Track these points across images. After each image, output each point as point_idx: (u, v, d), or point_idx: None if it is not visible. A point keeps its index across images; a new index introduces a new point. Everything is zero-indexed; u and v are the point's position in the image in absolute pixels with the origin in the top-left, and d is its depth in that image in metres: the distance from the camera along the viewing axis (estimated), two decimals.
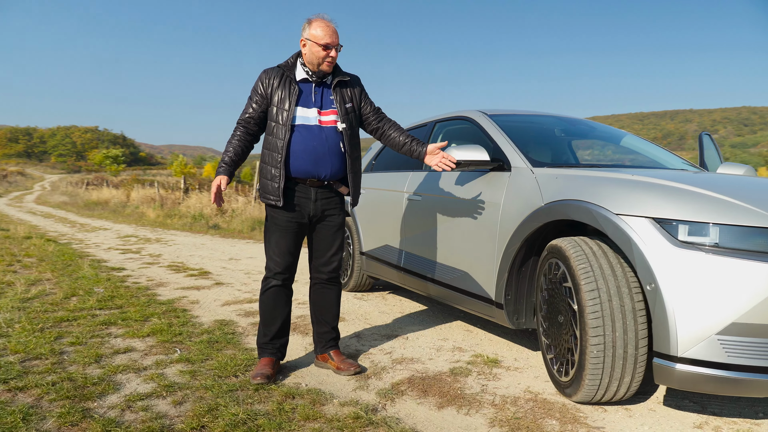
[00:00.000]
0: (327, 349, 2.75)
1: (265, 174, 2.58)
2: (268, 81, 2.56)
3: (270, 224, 2.63)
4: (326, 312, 2.77)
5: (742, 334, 1.79)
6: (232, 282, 5.28)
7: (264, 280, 2.67)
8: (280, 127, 2.53)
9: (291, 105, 2.52)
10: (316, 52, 2.50)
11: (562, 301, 2.32)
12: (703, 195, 1.99)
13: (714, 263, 1.83)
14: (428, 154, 2.72)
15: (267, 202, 2.58)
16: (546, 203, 2.46)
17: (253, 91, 2.59)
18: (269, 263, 2.64)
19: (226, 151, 2.60)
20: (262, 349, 2.66)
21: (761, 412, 2.21)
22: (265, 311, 2.66)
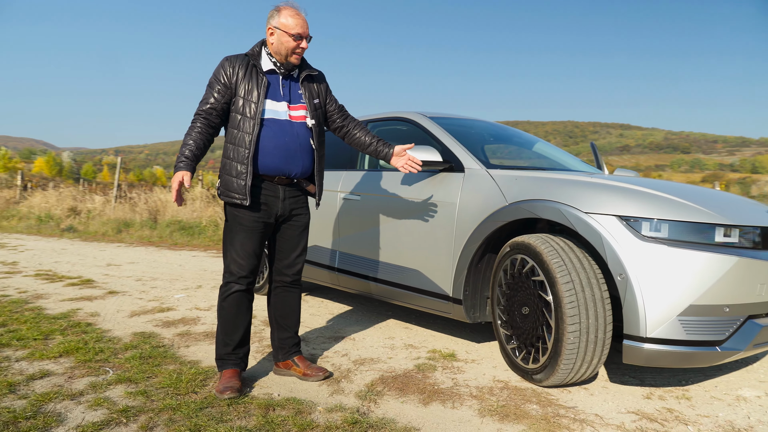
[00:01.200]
0: (291, 356, 2.61)
1: (228, 170, 2.37)
2: (232, 70, 2.36)
3: (233, 224, 2.42)
4: (289, 317, 2.63)
5: (696, 314, 2.10)
6: (126, 290, 4.72)
7: (225, 286, 2.44)
8: (248, 120, 2.34)
9: (260, 97, 2.35)
10: (286, 42, 2.35)
11: (529, 294, 2.48)
12: (659, 196, 2.28)
13: (673, 254, 2.12)
14: (395, 155, 2.72)
15: (230, 200, 2.37)
16: (511, 202, 2.61)
17: (215, 80, 2.37)
18: (231, 267, 2.42)
19: (186, 144, 2.33)
20: (223, 360, 2.44)
21: (683, 380, 2.60)
22: (227, 319, 2.44)
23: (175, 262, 6.77)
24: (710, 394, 2.43)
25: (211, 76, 2.38)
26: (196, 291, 4.79)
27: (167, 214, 12.82)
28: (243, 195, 2.33)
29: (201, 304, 4.20)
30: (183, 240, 9.55)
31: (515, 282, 2.59)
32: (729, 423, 2.12)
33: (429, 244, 3.03)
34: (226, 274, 2.44)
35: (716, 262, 2.11)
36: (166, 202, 13.51)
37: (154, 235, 10.08)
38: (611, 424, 2.09)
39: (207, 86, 2.39)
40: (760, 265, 2.18)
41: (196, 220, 11.61)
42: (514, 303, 2.60)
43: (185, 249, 8.44)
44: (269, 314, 2.67)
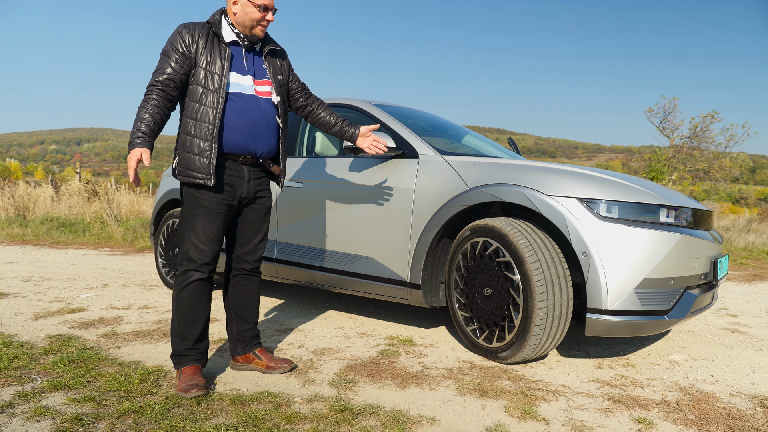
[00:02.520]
0: (251, 348, 2.44)
1: (189, 147, 2.15)
2: (191, 38, 2.15)
3: (193, 207, 2.20)
4: (248, 307, 2.45)
5: (650, 287, 2.31)
6: (17, 292, 4.11)
7: (183, 275, 2.22)
8: (211, 94, 2.15)
9: (224, 69, 2.16)
10: (251, 13, 2.18)
11: (493, 276, 2.57)
12: (612, 180, 2.48)
13: (629, 233, 2.31)
14: (360, 136, 2.66)
15: (191, 180, 2.16)
16: (472, 187, 2.68)
17: (171, 49, 2.14)
18: (191, 253, 2.20)
19: (141, 119, 2.08)
20: (182, 357, 2.21)
21: (620, 351, 2.86)
22: (186, 311, 2.22)
23: (64, 261, 6.02)
24: (647, 361, 2.69)
25: (166, 45, 2.16)
26: (104, 290, 4.30)
27: (38, 211, 11.40)
28: (206, 174, 2.14)
29: (116, 303, 3.78)
30: (65, 238, 8.53)
31: (476, 265, 2.66)
32: (674, 383, 2.36)
33: (383, 230, 3.01)
34: (184, 261, 2.22)
35: (664, 239, 2.34)
36: (36, 198, 12.01)
37: (27, 233, 8.88)
38: (580, 392, 2.23)
39: (162, 55, 2.16)
40: (695, 242, 2.46)
41: (77, 216, 10.45)
42: (475, 285, 2.67)
43: (71, 247, 7.54)
44: (226, 305, 2.47)
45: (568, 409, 2.05)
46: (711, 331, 3.36)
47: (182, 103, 2.22)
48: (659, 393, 2.24)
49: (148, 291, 4.32)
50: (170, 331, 2.28)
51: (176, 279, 2.24)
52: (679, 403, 2.12)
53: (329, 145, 3.79)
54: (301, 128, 3.75)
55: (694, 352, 2.85)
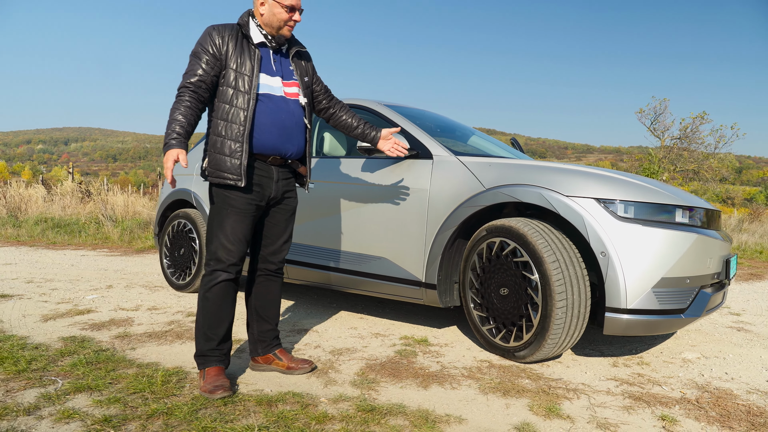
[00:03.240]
0: (272, 349, 2.44)
1: (219, 148, 2.16)
2: (221, 40, 2.17)
3: (222, 207, 2.21)
4: (270, 307, 2.46)
5: (667, 286, 2.35)
6: (21, 293, 4.07)
7: (210, 275, 2.22)
8: (242, 95, 2.16)
9: (255, 70, 2.18)
10: (279, 13, 2.19)
11: (510, 276, 2.59)
12: (628, 181, 2.51)
13: (647, 233, 2.34)
14: (382, 139, 2.66)
15: (222, 181, 2.16)
16: (489, 188, 2.70)
17: (202, 50, 2.15)
18: (219, 253, 2.20)
19: (175, 120, 2.09)
20: (206, 357, 2.21)
21: (633, 350, 2.90)
22: (212, 312, 2.22)
23: (63, 262, 5.96)
24: (661, 359, 2.73)
25: (196, 46, 2.17)
26: (109, 291, 4.27)
27: (30, 211, 11.27)
28: (238, 175, 2.15)
29: (124, 305, 3.75)
30: (61, 239, 8.44)
31: (492, 265, 2.68)
32: (691, 380, 2.40)
33: (397, 230, 3.02)
34: (212, 261, 2.22)
35: (681, 238, 2.38)
36: (29, 198, 11.87)
37: (22, 234, 8.77)
38: (600, 390, 2.26)
39: (192, 56, 2.17)
40: (709, 242, 2.50)
41: (71, 217, 10.35)
42: (491, 285, 2.69)
43: (68, 248, 7.46)
44: (248, 305, 2.47)
45: (590, 407, 2.07)
46: (717, 329, 3.41)
47: (211, 105, 2.23)
48: (678, 390, 2.27)
49: (154, 292, 4.30)
50: (194, 331, 2.28)
51: (203, 279, 2.24)
52: (699, 401, 2.16)
53: (337, 146, 3.80)
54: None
55: (705, 350, 2.89)
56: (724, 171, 24.16)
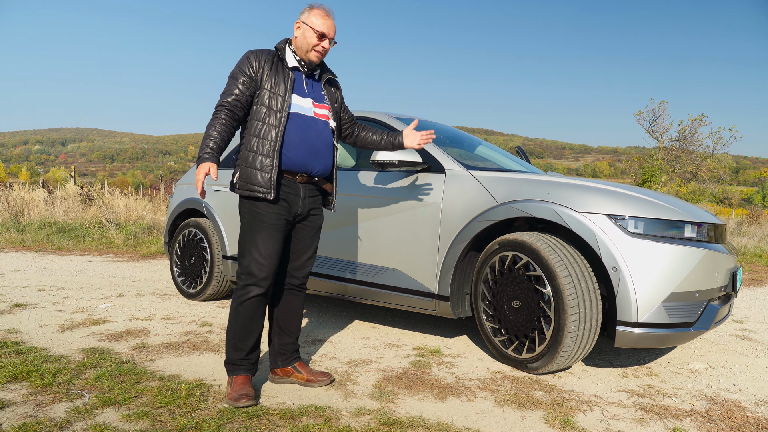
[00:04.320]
0: (291, 362, 2.51)
1: (251, 163, 2.25)
2: (258, 63, 2.29)
3: (253, 221, 2.29)
4: (292, 321, 2.52)
5: (677, 300, 2.42)
6: (35, 302, 4.12)
7: (242, 289, 2.29)
8: (275, 113, 2.27)
9: (287, 90, 2.29)
10: (310, 38, 2.31)
11: (522, 289, 2.65)
12: (638, 197, 2.58)
13: (657, 248, 2.41)
14: (405, 137, 2.68)
15: (252, 194, 2.25)
16: (502, 203, 2.76)
17: (240, 72, 2.28)
18: (251, 267, 2.27)
19: (210, 136, 2.21)
20: (235, 366, 2.30)
21: (641, 360, 2.96)
22: (243, 325, 2.30)
23: (71, 269, 6.01)
24: (669, 369, 2.80)
25: (235, 68, 2.30)
26: (121, 300, 4.32)
27: (32, 215, 11.30)
28: (267, 189, 2.23)
29: (138, 314, 3.81)
30: (66, 244, 8.48)
31: (504, 278, 2.74)
32: (700, 392, 2.47)
33: (410, 243, 3.08)
34: (243, 275, 2.29)
35: (690, 254, 2.44)
36: (31, 202, 11.90)
37: (26, 239, 8.81)
38: (612, 402, 2.32)
39: (230, 78, 2.29)
40: (717, 256, 2.57)
41: (75, 221, 10.38)
42: (503, 298, 2.75)
43: (73, 254, 7.51)
44: (270, 318, 2.54)
45: (604, 420, 2.14)
46: (722, 338, 3.48)
47: (245, 123, 2.34)
48: (687, 402, 2.34)
49: (165, 300, 4.35)
50: (225, 338, 2.40)
51: (236, 292, 2.32)
52: (709, 413, 2.22)
53: (347, 156, 3.86)
54: None
55: (711, 361, 2.96)
56: (721, 172, 24.32)
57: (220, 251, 4.18)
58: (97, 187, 14.00)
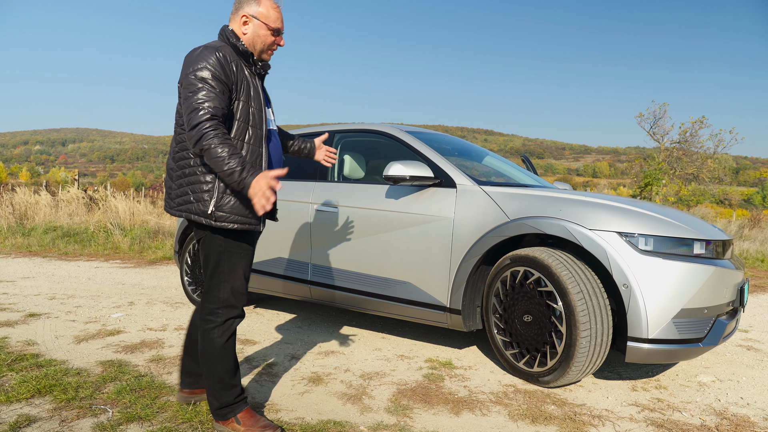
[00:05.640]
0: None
1: (234, 190, 1.96)
2: (228, 66, 1.94)
3: (234, 251, 2.05)
4: None
5: (686, 316, 2.47)
6: (48, 311, 4.17)
7: (223, 323, 2.06)
8: (255, 131, 2.03)
9: (262, 104, 2.06)
10: (264, 36, 2.05)
11: (534, 304, 2.70)
12: (648, 215, 2.63)
13: (667, 266, 2.46)
14: (317, 150, 2.61)
15: (242, 227, 2.00)
16: (513, 218, 2.81)
17: (214, 78, 1.88)
18: (233, 298, 2.06)
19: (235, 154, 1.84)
20: (233, 406, 2.09)
21: (649, 372, 3.01)
22: (231, 361, 2.09)
23: (80, 276, 6.06)
24: (677, 382, 2.85)
25: (205, 72, 1.88)
26: (132, 309, 4.38)
27: (37, 218, 11.35)
28: (257, 219, 2.04)
29: (151, 324, 3.86)
30: (72, 249, 8.53)
31: (516, 292, 2.79)
32: (708, 406, 2.52)
33: (421, 257, 3.13)
34: (224, 309, 2.05)
35: (699, 271, 2.49)
36: (35, 205, 11.94)
37: (32, 244, 8.86)
38: (623, 416, 2.37)
39: (202, 82, 1.87)
40: (725, 272, 2.62)
41: (80, 225, 10.43)
42: (515, 312, 2.80)
43: (80, 259, 7.56)
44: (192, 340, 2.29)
45: None
46: (728, 349, 3.53)
47: None
48: (697, 417, 2.39)
49: (176, 309, 4.40)
50: (211, 386, 2.09)
51: (216, 329, 2.05)
52: (719, 428, 2.27)
53: (357, 168, 3.91)
54: None
55: (719, 373, 3.01)
56: (721, 172, 24.35)
57: None
58: (100, 190, 14.04)
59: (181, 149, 2.01)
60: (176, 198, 2.03)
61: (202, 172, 1.97)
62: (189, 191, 1.99)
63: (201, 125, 1.84)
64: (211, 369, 2.07)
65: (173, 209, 2.05)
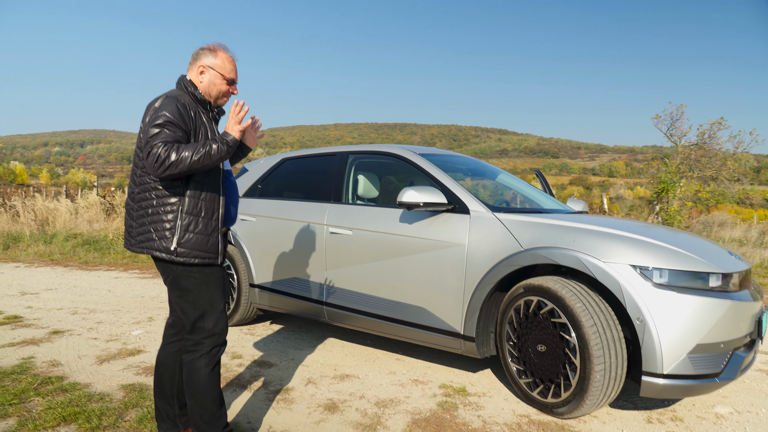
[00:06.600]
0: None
1: (195, 227, 2.10)
2: (186, 112, 2.08)
3: (209, 283, 2.16)
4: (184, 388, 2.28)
5: (702, 351, 2.46)
6: (71, 328, 4.27)
7: (208, 352, 2.14)
8: (213, 173, 2.17)
9: None
10: (219, 84, 2.21)
11: (547, 334, 2.71)
12: (663, 247, 2.62)
13: (682, 300, 2.46)
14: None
15: (203, 261, 2.12)
16: (527, 248, 2.83)
17: (172, 124, 2.02)
18: (217, 327, 2.16)
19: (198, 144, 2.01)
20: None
21: (665, 402, 3.00)
22: (216, 390, 2.16)
23: (100, 287, 6.19)
24: (694, 413, 2.84)
25: (164, 118, 2.01)
26: (151, 325, 4.47)
27: (57, 224, 11.58)
28: (215, 254, 2.16)
29: None
30: (92, 257, 8.69)
31: (529, 321, 2.81)
32: None
33: (435, 282, 3.15)
34: (211, 338, 2.15)
35: (715, 305, 2.48)
36: (55, 211, 12.18)
37: (54, 252, 9.05)
38: None
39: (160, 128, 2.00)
40: (743, 306, 2.60)
41: (99, 233, 10.62)
42: (528, 341, 2.82)
43: (100, 269, 7.71)
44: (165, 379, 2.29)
45: None
46: (747, 374, 3.50)
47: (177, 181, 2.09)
48: None
49: None
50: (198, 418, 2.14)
51: (202, 359, 2.13)
52: None
53: (371, 187, 3.95)
54: (347, 173, 3.90)
55: (737, 403, 2.99)
56: (741, 172, 23.90)
57: (247, 279, 4.30)
58: (117, 195, 14.28)
59: (142, 190, 2.11)
60: (137, 236, 2.13)
61: (164, 212, 2.08)
62: (151, 229, 2.09)
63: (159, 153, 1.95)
64: (198, 399, 2.14)
65: (134, 246, 2.15)
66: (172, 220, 2.08)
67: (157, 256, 2.10)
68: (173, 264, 2.10)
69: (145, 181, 2.10)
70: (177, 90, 2.19)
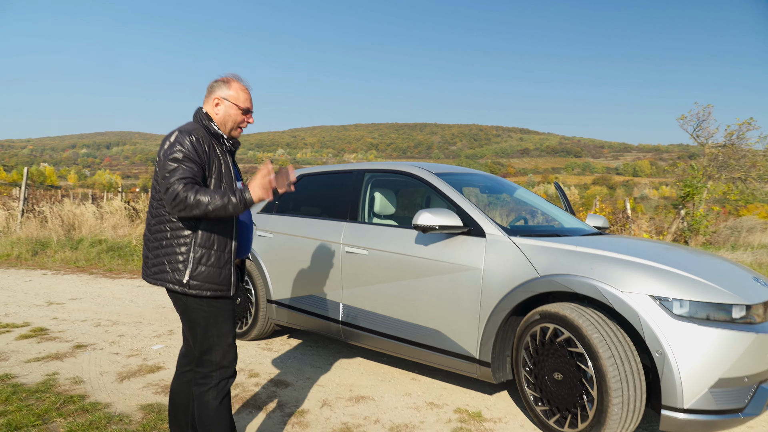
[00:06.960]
0: None
1: (213, 262, 2.12)
2: (200, 146, 2.09)
3: (219, 315, 2.17)
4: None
5: (725, 386, 2.39)
6: (93, 342, 4.37)
7: (217, 385, 2.15)
8: None
9: (233, 178, 2.19)
10: (235, 115, 2.21)
11: (564, 363, 2.67)
12: (683, 276, 2.56)
13: (703, 333, 2.39)
14: None
15: (215, 293, 2.13)
16: (543, 275, 2.79)
17: (188, 159, 2.04)
18: (225, 360, 2.16)
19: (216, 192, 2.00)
20: None
21: None
22: (226, 422, 2.17)
23: (124, 297, 6.31)
24: None
25: (181, 153, 2.04)
26: (171, 339, 4.54)
27: (83, 230, 11.84)
28: (227, 286, 2.16)
29: None
30: (116, 264, 8.88)
31: (546, 349, 2.77)
32: None
33: (451, 305, 3.13)
34: (219, 371, 2.15)
35: (739, 339, 2.41)
36: (81, 216, 12.47)
37: (79, 258, 9.27)
38: None
39: (177, 162, 2.02)
40: (767, 338, 2.52)
41: (123, 239, 10.84)
42: (545, 368, 2.78)
43: (124, 276, 7.86)
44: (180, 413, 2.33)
45: None
46: None
47: None
48: None
49: None
50: None
51: (210, 391, 2.15)
52: None
53: (387, 204, 3.95)
54: (363, 191, 3.90)
55: None
56: None
57: (265, 295, 4.33)
58: (141, 200, 14.56)
59: (158, 222, 2.14)
60: (152, 267, 2.16)
61: (177, 244, 2.10)
62: (165, 261, 2.11)
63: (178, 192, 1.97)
64: (213, 427, 2.15)
65: (149, 277, 2.18)
66: (185, 253, 2.10)
67: (170, 288, 2.13)
68: (185, 296, 2.13)
69: (160, 213, 2.13)
70: (192, 124, 2.22)
